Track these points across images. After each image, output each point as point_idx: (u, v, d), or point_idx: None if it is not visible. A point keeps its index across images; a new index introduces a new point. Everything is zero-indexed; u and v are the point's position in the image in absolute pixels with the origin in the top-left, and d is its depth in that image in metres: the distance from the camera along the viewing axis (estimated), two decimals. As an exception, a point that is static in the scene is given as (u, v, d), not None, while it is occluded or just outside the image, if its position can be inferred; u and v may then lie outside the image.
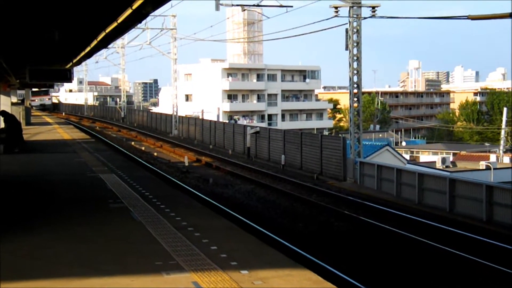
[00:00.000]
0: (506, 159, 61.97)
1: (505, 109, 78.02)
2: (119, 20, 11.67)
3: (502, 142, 69.61)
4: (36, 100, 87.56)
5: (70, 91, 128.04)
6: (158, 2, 9.91)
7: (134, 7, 10.02)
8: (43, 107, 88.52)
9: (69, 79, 20.83)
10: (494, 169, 42.03)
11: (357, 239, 15.39)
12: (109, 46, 46.27)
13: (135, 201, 12.71)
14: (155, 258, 8.34)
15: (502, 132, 72.15)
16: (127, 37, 59.27)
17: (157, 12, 43.33)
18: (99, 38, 15.24)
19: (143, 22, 43.95)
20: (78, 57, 22.56)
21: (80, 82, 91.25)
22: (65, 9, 11.14)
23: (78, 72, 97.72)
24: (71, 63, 24.77)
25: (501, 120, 76.65)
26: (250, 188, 23.31)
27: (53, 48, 17.76)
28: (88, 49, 18.66)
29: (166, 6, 46.47)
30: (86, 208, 12.37)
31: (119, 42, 61.30)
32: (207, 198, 19.00)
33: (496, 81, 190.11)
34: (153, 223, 10.52)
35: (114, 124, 62.09)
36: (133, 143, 41.77)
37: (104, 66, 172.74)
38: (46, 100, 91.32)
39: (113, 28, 12.93)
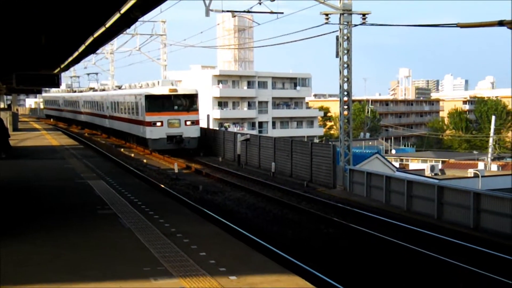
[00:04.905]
0: (494, 167, 62.42)
1: (493, 117, 78.64)
2: (108, 25, 11.67)
3: (490, 150, 70.13)
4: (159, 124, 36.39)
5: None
6: (147, 6, 9.91)
7: (122, 11, 10.02)
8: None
9: (57, 84, 20.67)
10: (482, 176, 42.29)
11: (346, 246, 15.37)
12: (98, 51, 46.24)
13: (124, 208, 12.64)
14: (144, 264, 8.29)
15: (490, 140, 72.68)
16: (116, 42, 59.11)
17: (147, 17, 43.29)
18: (87, 43, 15.23)
19: (132, 27, 44.02)
20: (66, 62, 22.52)
21: (69, 87, 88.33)
22: (52, 13, 11.10)
23: (67, 78, 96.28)
24: (59, 68, 24.70)
25: (489, 128, 77.19)
26: (240, 195, 23.25)
27: (40, 53, 17.70)
28: (76, 54, 18.64)
29: (156, 11, 46.42)
30: (74, 214, 12.29)
31: (108, 47, 61.01)
32: (197, 205, 18.92)
33: (485, 90, 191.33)
34: (141, 230, 10.45)
35: (103, 130, 61.64)
36: (122, 149, 41.61)
37: (93, 71, 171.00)
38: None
39: (101, 33, 12.92)
